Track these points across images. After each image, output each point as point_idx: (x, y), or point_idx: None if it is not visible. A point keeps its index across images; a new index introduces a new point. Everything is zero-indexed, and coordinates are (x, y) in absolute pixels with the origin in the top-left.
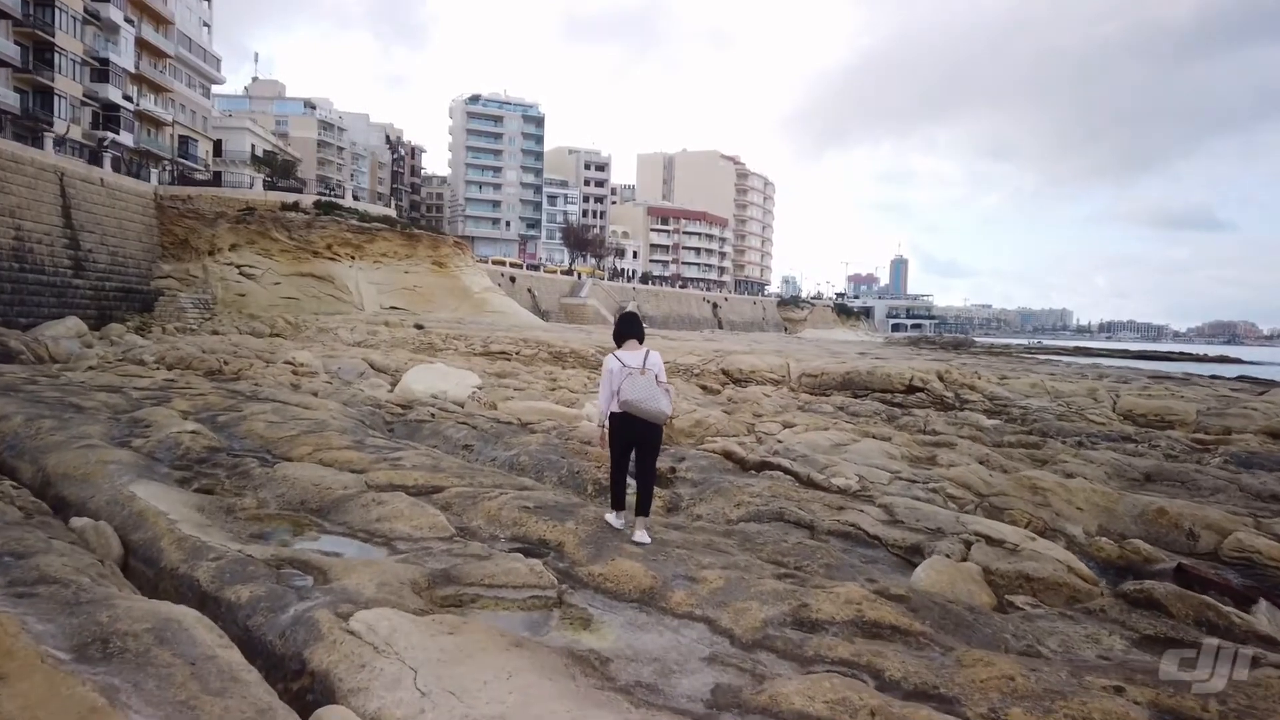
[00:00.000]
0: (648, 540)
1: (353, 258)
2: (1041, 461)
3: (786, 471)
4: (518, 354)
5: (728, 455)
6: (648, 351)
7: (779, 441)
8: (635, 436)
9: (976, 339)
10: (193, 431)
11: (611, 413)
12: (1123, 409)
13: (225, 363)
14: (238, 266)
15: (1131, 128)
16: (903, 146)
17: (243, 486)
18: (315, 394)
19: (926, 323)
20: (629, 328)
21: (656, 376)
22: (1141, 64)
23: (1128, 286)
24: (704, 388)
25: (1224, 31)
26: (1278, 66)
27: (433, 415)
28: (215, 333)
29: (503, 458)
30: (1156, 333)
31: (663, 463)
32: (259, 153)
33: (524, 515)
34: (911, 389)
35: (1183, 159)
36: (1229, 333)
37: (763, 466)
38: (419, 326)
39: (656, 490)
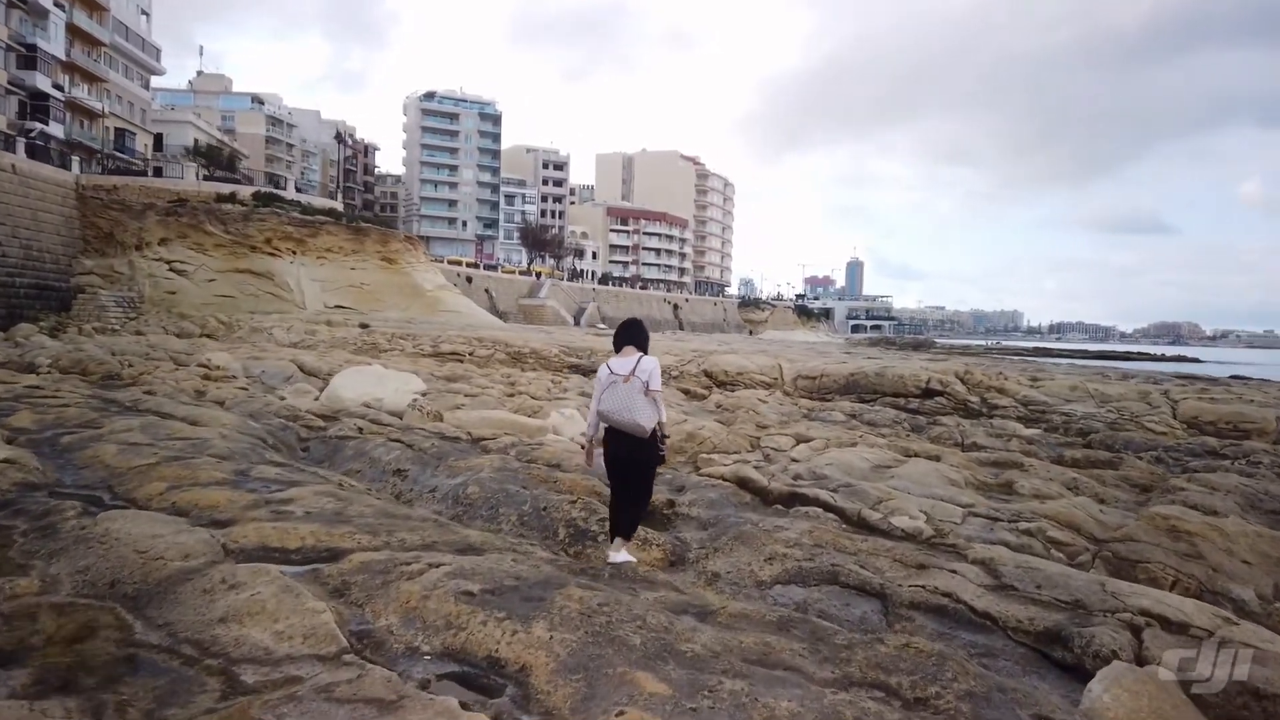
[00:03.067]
0: (625, 559)
1: (294, 253)
2: (1143, 488)
3: (826, 507)
4: (471, 355)
5: (743, 484)
6: (640, 357)
7: (795, 461)
8: (619, 454)
9: (936, 340)
10: (6, 460)
11: (604, 427)
12: (1185, 415)
13: (129, 365)
14: (168, 262)
15: (1084, 133)
16: (860, 150)
17: (34, 553)
18: (222, 403)
19: (886, 324)
20: (627, 334)
21: (647, 385)
22: (1094, 70)
23: (1076, 289)
24: (686, 392)
25: (1172, 39)
26: (1222, 74)
27: (360, 430)
28: (139, 333)
29: (445, 488)
30: (1104, 333)
31: (659, 493)
32: (202, 148)
33: (465, 609)
34: (929, 393)
35: (1133, 164)
36: (1174, 334)
37: (792, 499)
38: (364, 326)
39: (652, 536)
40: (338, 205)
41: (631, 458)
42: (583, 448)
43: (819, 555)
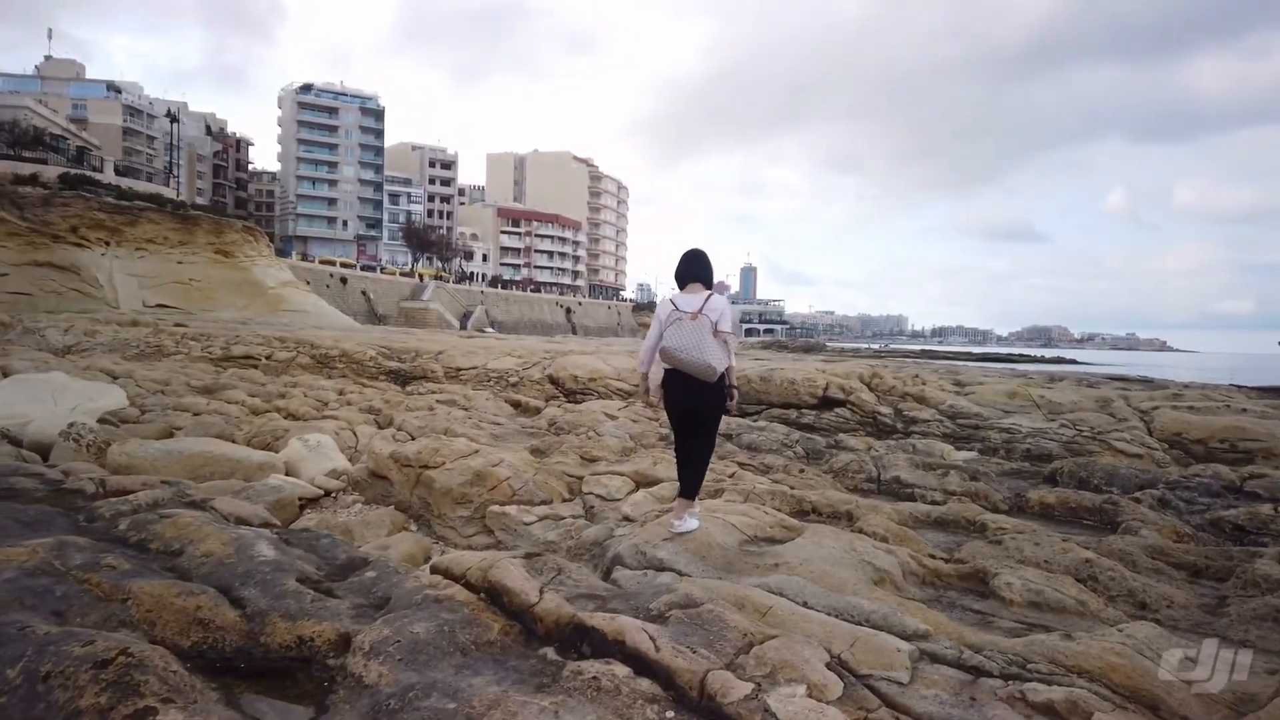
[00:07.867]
0: (688, 527)
1: (107, 244)
2: (1194, 570)
3: (639, 664)
4: (268, 358)
5: (494, 596)
6: (709, 295)
7: (626, 522)
8: (682, 400)
9: (826, 343)
10: None
11: (665, 370)
12: (1165, 431)
13: None
14: None
15: (965, 143)
16: (753, 156)
17: None
18: None
19: (779, 328)
20: (692, 268)
21: (716, 325)
22: (974, 83)
23: (957, 294)
24: (517, 404)
25: (1048, 55)
26: (1093, 89)
27: None
28: None
29: None
30: (982, 337)
31: (325, 627)
32: (46, 137)
33: None
34: (828, 402)
35: (1010, 174)
36: (1045, 337)
37: (577, 636)
38: (180, 326)
39: None
40: (168, 190)
41: (696, 404)
42: (637, 388)
43: None
